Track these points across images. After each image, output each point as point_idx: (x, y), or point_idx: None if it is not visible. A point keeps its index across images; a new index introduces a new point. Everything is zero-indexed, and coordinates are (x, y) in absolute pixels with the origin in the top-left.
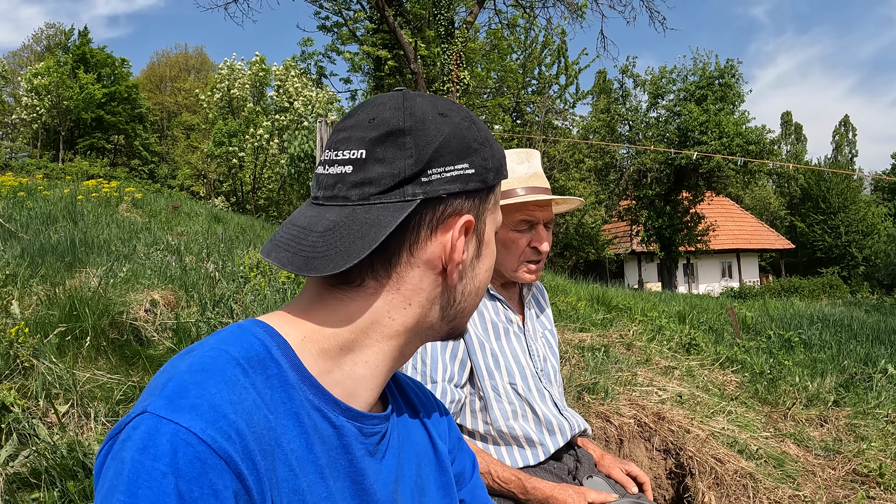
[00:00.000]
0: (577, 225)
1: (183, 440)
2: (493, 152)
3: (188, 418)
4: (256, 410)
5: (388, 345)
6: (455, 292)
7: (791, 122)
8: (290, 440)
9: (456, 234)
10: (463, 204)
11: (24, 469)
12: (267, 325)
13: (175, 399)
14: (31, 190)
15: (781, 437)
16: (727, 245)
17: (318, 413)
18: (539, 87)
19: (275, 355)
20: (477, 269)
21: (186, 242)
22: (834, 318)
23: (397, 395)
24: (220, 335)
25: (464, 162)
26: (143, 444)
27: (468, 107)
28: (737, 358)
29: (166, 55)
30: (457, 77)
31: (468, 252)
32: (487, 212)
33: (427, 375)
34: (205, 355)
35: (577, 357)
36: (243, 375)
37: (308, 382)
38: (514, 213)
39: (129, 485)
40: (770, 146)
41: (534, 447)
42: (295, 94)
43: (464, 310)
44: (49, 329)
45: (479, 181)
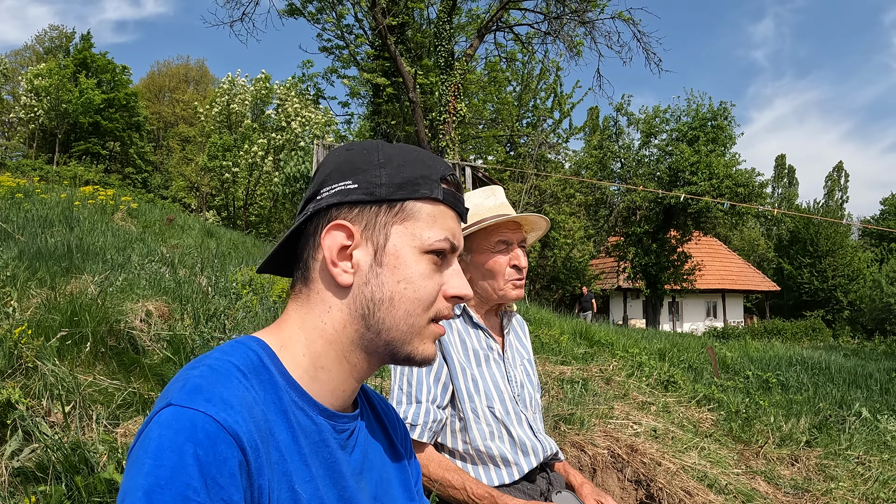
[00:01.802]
0: (565, 259)
1: (200, 420)
2: (399, 171)
3: (204, 406)
4: (255, 405)
5: (334, 351)
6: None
7: (785, 164)
8: (280, 432)
9: (323, 236)
10: (345, 213)
11: (30, 463)
12: (259, 340)
13: (192, 394)
14: (29, 192)
15: (752, 474)
16: (713, 285)
17: (302, 412)
18: (533, 120)
19: (266, 364)
20: (382, 278)
21: (180, 255)
22: (813, 360)
23: (366, 404)
24: (223, 349)
25: (347, 180)
26: (167, 425)
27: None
28: (714, 396)
29: (167, 65)
30: (453, 108)
31: (362, 258)
32: (392, 224)
33: (412, 396)
34: (212, 364)
35: (557, 389)
36: (244, 378)
37: (292, 386)
38: (490, 237)
39: (156, 452)
40: (759, 189)
41: (509, 467)
42: (293, 114)
43: (384, 321)
44: (51, 332)
45: (363, 193)
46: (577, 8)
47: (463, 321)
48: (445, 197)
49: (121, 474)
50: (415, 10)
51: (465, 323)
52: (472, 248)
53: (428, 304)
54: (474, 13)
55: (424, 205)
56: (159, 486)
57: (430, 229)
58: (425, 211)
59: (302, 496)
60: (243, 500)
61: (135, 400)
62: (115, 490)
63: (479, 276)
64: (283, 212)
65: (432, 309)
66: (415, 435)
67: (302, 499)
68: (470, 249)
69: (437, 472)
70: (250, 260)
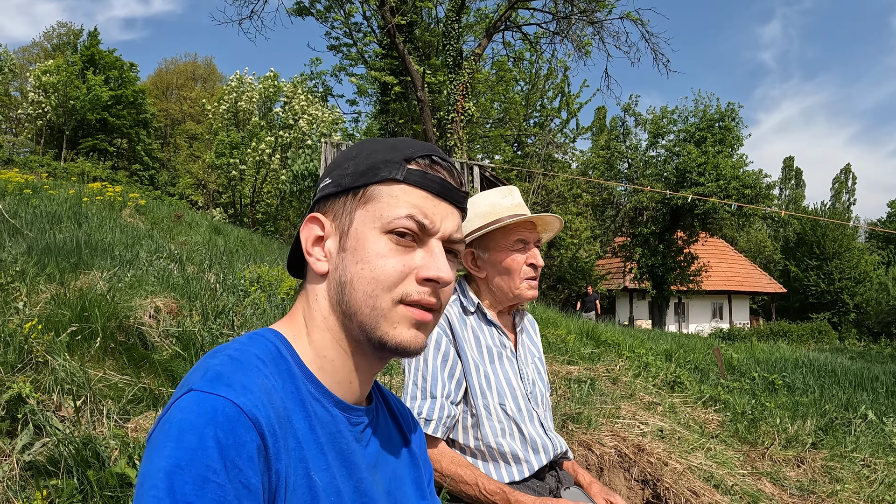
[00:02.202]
0: (571, 259)
1: (221, 404)
2: (359, 162)
3: (225, 391)
4: (274, 392)
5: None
6: (335, 284)
7: (792, 166)
8: (298, 420)
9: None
10: (320, 207)
11: (41, 457)
12: (276, 331)
13: (214, 381)
14: (37, 188)
15: (758, 475)
16: (719, 286)
17: (318, 402)
18: (541, 119)
19: (284, 355)
20: (346, 262)
21: (188, 252)
22: (819, 363)
23: (381, 401)
24: (241, 340)
25: (327, 178)
26: (188, 409)
27: (471, 136)
28: (720, 397)
29: (175, 63)
30: (462, 107)
31: (331, 246)
32: (356, 210)
33: (427, 391)
34: (232, 354)
35: (564, 388)
36: (264, 367)
37: (308, 377)
38: (508, 236)
39: (177, 434)
40: (766, 191)
41: (519, 464)
42: (301, 112)
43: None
44: (61, 327)
45: (334, 186)
46: (585, 8)
47: (477, 318)
48: (407, 176)
49: (133, 469)
50: (423, 9)
51: (478, 320)
52: (490, 246)
53: (387, 284)
54: (483, 12)
55: (384, 186)
56: (179, 467)
57: (391, 208)
58: (385, 192)
59: (318, 483)
60: (261, 483)
61: (145, 395)
62: (126, 484)
63: (496, 274)
64: (289, 209)
65: (396, 290)
66: (429, 430)
67: (318, 486)
68: (487, 248)
69: (449, 467)
70: (258, 257)
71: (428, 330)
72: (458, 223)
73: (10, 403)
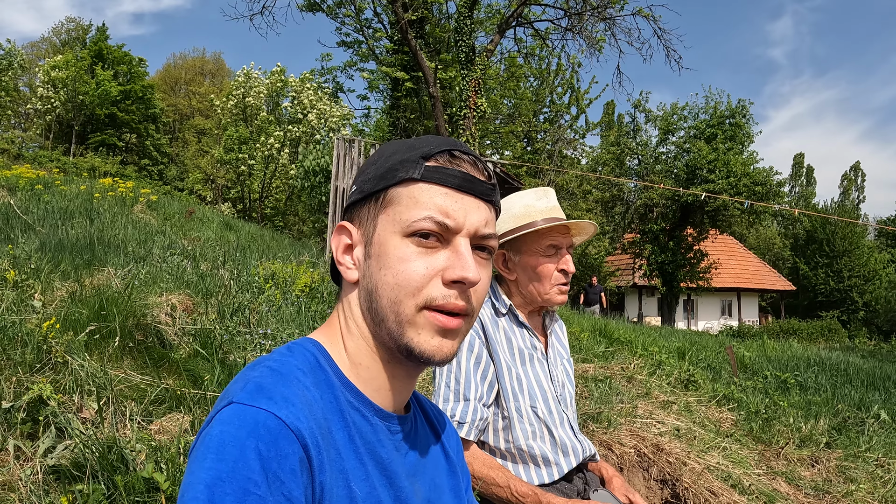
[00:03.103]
0: (581, 255)
1: (263, 417)
2: (379, 165)
3: (266, 404)
4: (315, 404)
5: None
6: (363, 291)
7: (802, 163)
8: (337, 430)
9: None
10: (348, 215)
11: (65, 461)
12: (314, 341)
13: (255, 393)
14: (48, 184)
15: (773, 474)
16: (728, 283)
17: (357, 412)
18: (551, 115)
19: (322, 365)
20: (371, 269)
21: (201, 248)
22: (830, 361)
23: (419, 410)
24: (281, 351)
25: (354, 185)
26: (229, 421)
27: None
28: (733, 396)
29: (183, 58)
30: (474, 103)
31: (357, 253)
32: (378, 215)
33: (460, 393)
34: (272, 365)
35: (581, 387)
36: (304, 377)
37: (347, 386)
38: (541, 241)
39: (218, 447)
40: (776, 188)
41: (549, 466)
42: (309, 107)
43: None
44: (78, 326)
45: (359, 193)
46: (597, 4)
47: (508, 320)
48: (425, 174)
49: (160, 474)
50: (434, 5)
51: (510, 321)
52: (522, 249)
53: (410, 289)
54: (494, 8)
55: (402, 188)
56: (220, 480)
57: (410, 210)
58: (404, 194)
59: (358, 494)
60: (303, 496)
61: (167, 396)
62: (154, 489)
63: (527, 278)
64: (298, 204)
65: (421, 295)
66: (462, 433)
67: (358, 497)
68: (519, 251)
69: (481, 469)
70: (270, 253)
71: (457, 337)
72: (487, 216)
73: (31, 405)
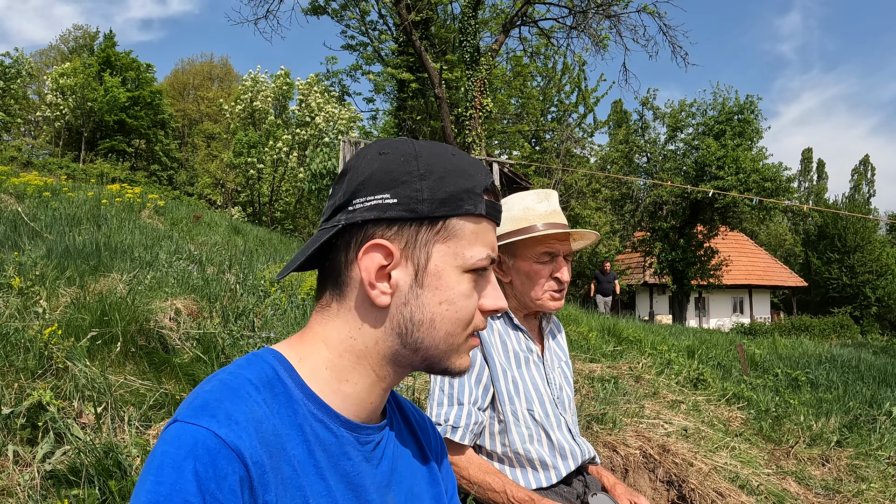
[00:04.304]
0: (591, 254)
1: (202, 436)
2: (440, 185)
3: (207, 422)
4: (265, 420)
5: (361, 366)
6: (401, 318)
7: (812, 158)
8: (294, 446)
9: (361, 255)
10: (383, 230)
11: (63, 466)
12: (276, 352)
13: (199, 411)
14: (56, 190)
15: (783, 474)
16: (739, 280)
17: (321, 424)
18: (558, 114)
19: (281, 377)
20: (423, 300)
21: (207, 253)
22: (842, 358)
23: (396, 413)
24: (239, 362)
25: (384, 193)
26: (170, 441)
27: (489, 132)
28: (743, 395)
29: (191, 63)
30: (479, 104)
31: (401, 278)
32: (434, 242)
33: (454, 397)
34: (224, 378)
35: (588, 387)
36: (256, 393)
37: (311, 398)
38: (536, 247)
39: (157, 469)
40: (786, 184)
41: (547, 470)
42: (317, 110)
43: (423, 341)
44: (81, 332)
45: (404, 210)
46: (602, 1)
47: (504, 323)
48: (488, 211)
49: None
50: (439, 6)
51: (505, 324)
52: (517, 253)
53: (468, 322)
54: (498, 8)
55: (467, 222)
56: (158, 502)
57: (473, 247)
58: (468, 228)
59: None
60: None
61: (166, 401)
62: None
63: (520, 282)
64: (307, 207)
65: (471, 325)
66: (456, 437)
67: None
68: (514, 255)
69: (477, 475)
70: (277, 257)
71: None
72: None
73: (31, 411)
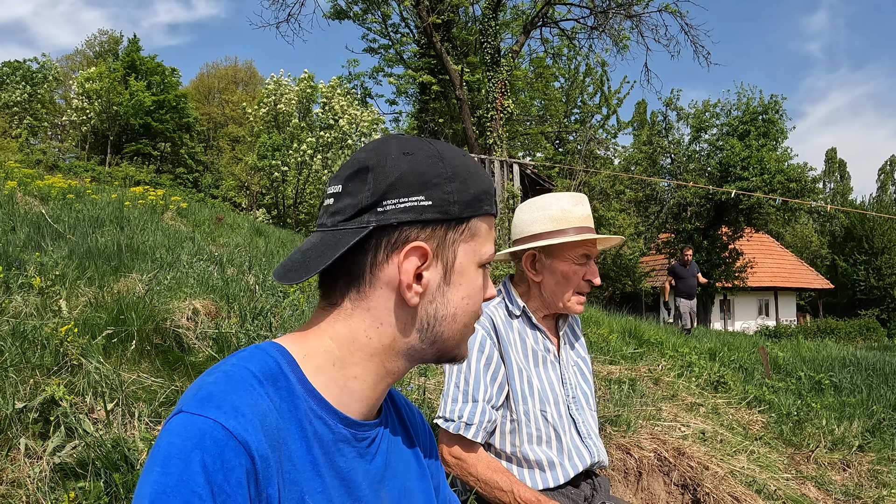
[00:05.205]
0: (616, 256)
1: (210, 427)
2: (465, 187)
3: (214, 413)
4: (269, 413)
5: (372, 362)
6: (425, 315)
7: (835, 159)
8: (293, 441)
9: (401, 259)
10: (418, 232)
11: (71, 459)
12: (280, 346)
13: (204, 402)
14: (80, 192)
15: (803, 479)
16: (765, 283)
17: (320, 420)
18: (582, 116)
19: (285, 371)
20: (448, 296)
21: (229, 254)
22: (867, 361)
23: (391, 410)
24: (241, 354)
25: (419, 195)
26: (176, 432)
27: (511, 133)
28: (765, 398)
29: (216, 67)
30: (501, 105)
31: (432, 278)
32: (459, 242)
33: (469, 394)
34: (228, 370)
35: (604, 389)
36: (259, 386)
37: (312, 394)
38: (576, 248)
39: (164, 459)
40: (811, 184)
41: (554, 470)
42: (340, 112)
43: (442, 334)
44: (97, 330)
45: (438, 212)
46: (623, 1)
47: (522, 322)
48: (495, 209)
49: None
50: (460, 8)
51: (523, 323)
52: (555, 254)
53: (479, 312)
54: (519, 9)
55: (483, 221)
56: (165, 494)
57: (487, 244)
58: (484, 227)
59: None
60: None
61: (177, 398)
62: None
63: (553, 282)
64: None
65: (477, 315)
66: (469, 434)
67: None
68: (552, 254)
69: (485, 473)
70: None
71: None
72: None
73: (44, 405)
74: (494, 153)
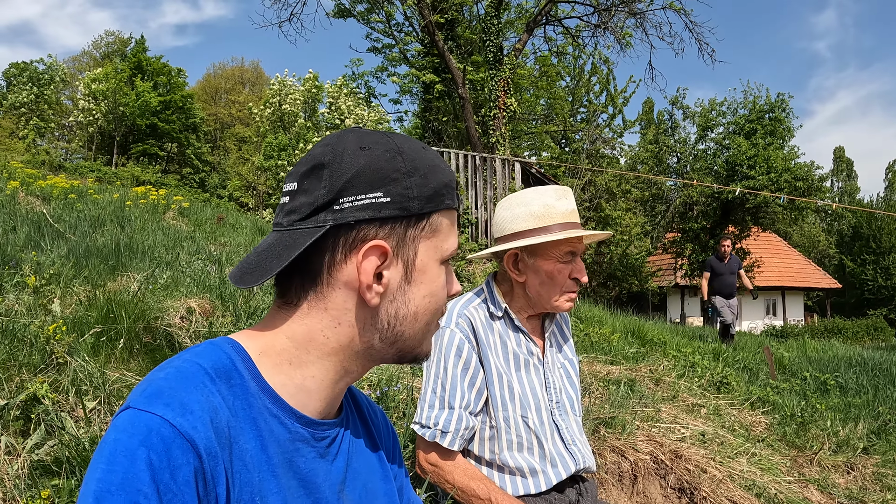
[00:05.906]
0: (622, 256)
1: (156, 424)
2: (425, 181)
3: (162, 410)
4: (220, 411)
5: (329, 361)
6: (385, 315)
7: (843, 157)
8: (247, 440)
9: (360, 258)
10: (377, 230)
11: (48, 457)
12: (235, 342)
13: (152, 398)
14: (82, 192)
15: (805, 482)
16: (772, 282)
17: (276, 419)
18: (587, 115)
19: (239, 368)
20: (409, 295)
21: (228, 253)
22: (873, 361)
23: (353, 409)
24: (195, 350)
25: (377, 191)
26: (123, 429)
27: (515, 132)
28: (769, 399)
29: (223, 67)
30: (503, 104)
31: (392, 277)
32: (420, 239)
33: (445, 401)
34: (179, 366)
35: (602, 390)
36: (211, 383)
37: (267, 392)
38: (560, 246)
39: (109, 456)
40: (818, 183)
41: (536, 477)
42: (347, 112)
43: (403, 333)
44: (86, 329)
45: (398, 209)
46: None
47: (503, 324)
48: (457, 203)
49: None
50: (464, 7)
51: (505, 325)
52: (538, 252)
53: (442, 310)
54: (523, 7)
55: (445, 216)
56: (109, 492)
57: (449, 238)
58: (445, 222)
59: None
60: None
61: None
62: None
63: (538, 282)
64: None
65: (440, 312)
66: (445, 442)
67: None
68: (535, 253)
69: (461, 480)
70: None
71: None
72: None
73: (26, 403)
74: (497, 151)
